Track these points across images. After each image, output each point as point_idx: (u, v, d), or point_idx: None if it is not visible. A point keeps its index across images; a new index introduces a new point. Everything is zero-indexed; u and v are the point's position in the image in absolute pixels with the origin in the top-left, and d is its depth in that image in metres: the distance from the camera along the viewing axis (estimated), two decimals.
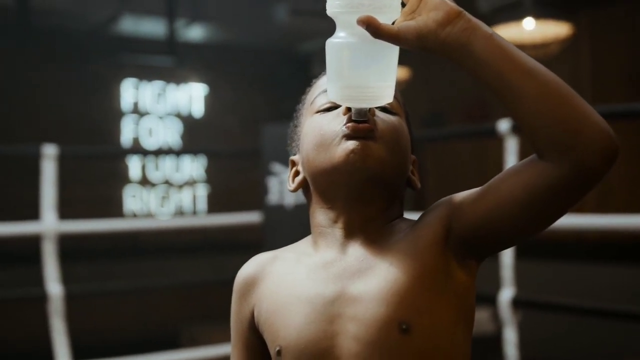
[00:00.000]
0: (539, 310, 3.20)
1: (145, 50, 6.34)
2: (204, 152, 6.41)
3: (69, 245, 4.48)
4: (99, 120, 6.48)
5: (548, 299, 3.12)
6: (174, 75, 6.76)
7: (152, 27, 6.04)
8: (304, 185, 1.14)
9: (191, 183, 6.86)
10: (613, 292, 4.53)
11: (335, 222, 1.08)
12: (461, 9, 0.93)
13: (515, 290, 3.03)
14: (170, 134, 6.79)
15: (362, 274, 1.02)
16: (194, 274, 6.48)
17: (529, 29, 4.39)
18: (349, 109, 1.04)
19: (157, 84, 6.74)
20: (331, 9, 0.97)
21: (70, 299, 3.64)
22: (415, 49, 0.93)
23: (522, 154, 3.08)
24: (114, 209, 6.49)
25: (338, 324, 1.00)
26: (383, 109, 1.08)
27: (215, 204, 6.88)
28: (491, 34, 0.92)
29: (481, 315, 4.68)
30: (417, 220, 1.07)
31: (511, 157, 3.03)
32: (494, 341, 3.44)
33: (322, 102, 1.11)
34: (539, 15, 4.38)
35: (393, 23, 0.95)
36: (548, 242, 4.96)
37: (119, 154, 6.28)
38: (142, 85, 6.67)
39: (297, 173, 1.16)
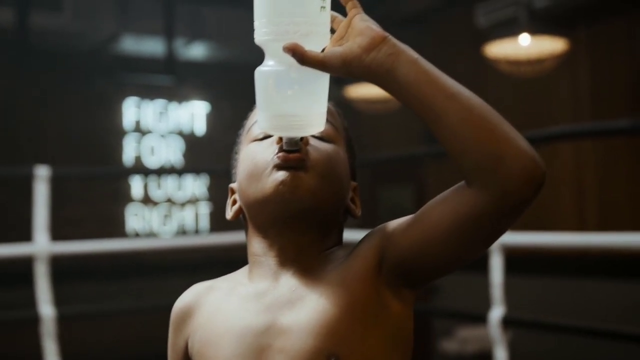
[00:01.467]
0: (530, 329, 3.16)
1: (146, 69, 6.36)
2: (203, 171, 6.39)
3: (68, 264, 4.49)
4: (101, 139, 6.50)
5: (538, 317, 3.09)
6: (175, 94, 6.78)
7: (152, 46, 6.06)
8: (242, 214, 1.13)
9: (193, 201, 6.86)
10: (613, 309, 4.48)
11: (269, 251, 1.07)
12: (387, 34, 0.93)
13: (504, 309, 3.00)
14: (172, 152, 6.80)
15: (293, 304, 1.01)
16: None
17: (525, 44, 4.37)
18: (281, 138, 1.03)
19: (159, 103, 6.75)
20: (258, 37, 0.97)
21: (63, 320, 3.64)
22: (342, 75, 0.93)
23: None
24: (116, 227, 6.49)
25: (267, 356, 0.99)
26: (318, 137, 1.07)
27: (218, 222, 6.87)
28: (416, 59, 0.92)
29: (481, 333, 4.63)
30: (352, 249, 1.05)
31: None
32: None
33: (257, 130, 1.10)
34: (534, 31, 4.36)
35: (323, 50, 0.94)
36: (551, 258, 4.92)
37: (114, 174, 6.28)
38: (144, 103, 6.69)
39: (235, 201, 1.14)
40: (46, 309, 3.58)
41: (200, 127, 6.93)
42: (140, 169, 6.58)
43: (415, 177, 6.65)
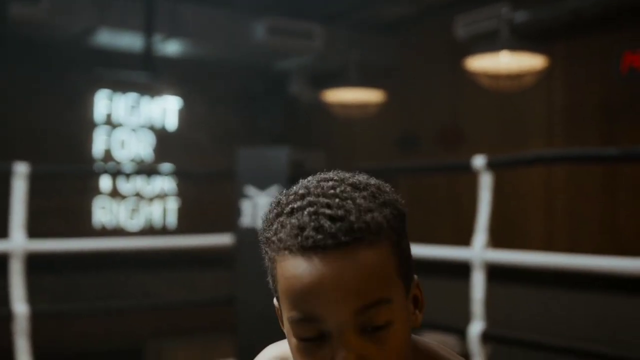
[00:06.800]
0: (509, 345, 3.23)
1: (121, 63, 6.30)
2: (175, 173, 6.33)
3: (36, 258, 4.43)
4: (71, 131, 6.42)
5: (518, 334, 3.15)
6: (148, 88, 6.73)
7: (128, 40, 6.00)
8: None
9: (162, 196, 6.81)
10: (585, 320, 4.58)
11: None
12: None
13: (484, 324, 3.05)
14: (142, 146, 6.75)
15: None
16: (163, 286, 6.44)
17: (505, 60, 4.43)
18: None
19: (131, 96, 6.70)
20: None
21: (36, 318, 3.60)
22: None
23: (497, 189, 3.11)
24: (83, 220, 6.43)
25: None
26: (376, 327, 0.92)
27: (186, 218, 6.85)
28: None
29: (445, 339, 4.69)
30: None
31: (485, 192, 3.05)
32: None
33: (292, 317, 0.94)
34: (515, 46, 4.42)
35: None
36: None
37: (91, 173, 6.19)
38: (115, 97, 6.63)
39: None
40: (20, 306, 3.54)
41: (171, 122, 6.89)
42: (115, 169, 6.48)
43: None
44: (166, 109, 6.88)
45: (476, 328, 3.05)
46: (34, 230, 4.00)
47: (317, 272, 0.89)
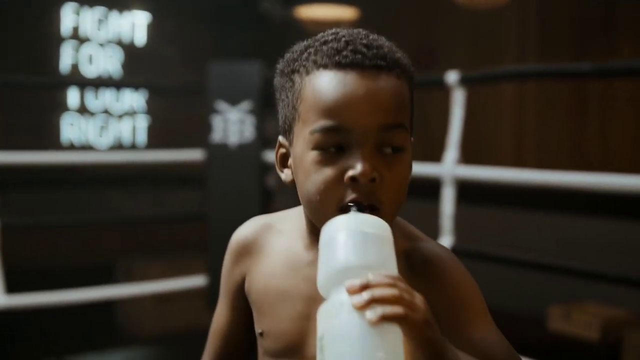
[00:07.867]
0: (477, 260, 3.27)
1: None
2: (146, 86, 6.24)
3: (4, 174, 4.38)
4: (37, 46, 6.27)
5: (485, 249, 3.19)
6: (116, 2, 6.56)
7: None
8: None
9: (131, 113, 6.72)
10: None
11: None
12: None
13: (453, 239, 3.09)
14: (110, 62, 6.61)
15: None
16: (132, 204, 6.42)
17: None
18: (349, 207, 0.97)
19: (99, 10, 6.53)
20: None
21: (7, 231, 3.58)
22: None
23: (469, 105, 3.10)
24: (52, 137, 6.34)
25: (313, 321, 1.00)
26: (395, 149, 1.00)
27: (156, 136, 6.79)
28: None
29: None
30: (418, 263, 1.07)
31: (458, 108, 3.04)
32: None
33: (320, 125, 0.99)
34: None
35: None
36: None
37: (60, 84, 6.09)
38: (82, 10, 6.45)
39: (284, 159, 1.09)
40: None
41: (140, 37, 6.75)
42: (83, 80, 6.36)
43: None
44: (135, 24, 6.72)
45: (445, 243, 3.08)
46: (1, 146, 3.94)
47: (353, 84, 0.97)
